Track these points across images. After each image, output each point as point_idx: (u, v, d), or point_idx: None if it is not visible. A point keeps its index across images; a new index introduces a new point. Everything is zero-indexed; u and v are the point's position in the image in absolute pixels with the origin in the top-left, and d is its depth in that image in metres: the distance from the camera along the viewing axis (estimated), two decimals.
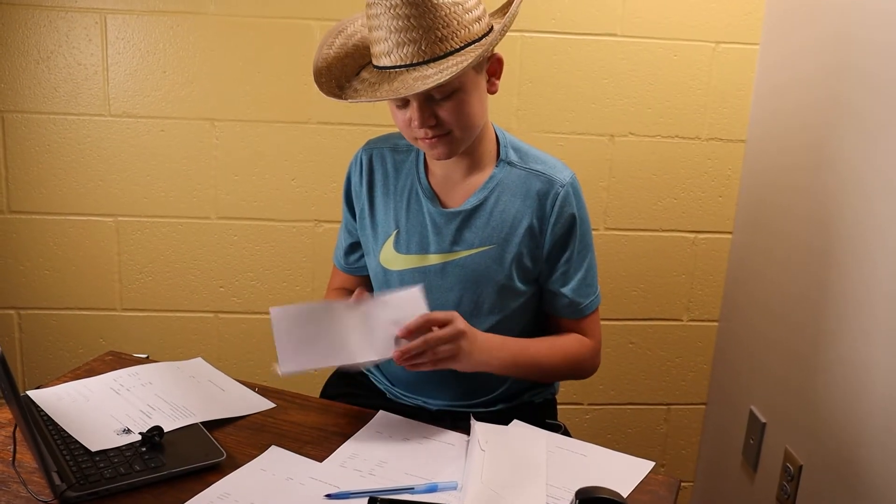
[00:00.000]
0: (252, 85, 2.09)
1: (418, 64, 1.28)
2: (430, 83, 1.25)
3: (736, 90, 2.17)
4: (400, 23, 1.25)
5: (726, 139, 2.20)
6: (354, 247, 1.62)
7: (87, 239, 2.16)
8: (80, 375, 1.46)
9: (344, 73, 1.40)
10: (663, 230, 2.26)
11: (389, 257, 1.52)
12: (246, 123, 2.12)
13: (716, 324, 2.34)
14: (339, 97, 1.36)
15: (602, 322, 2.27)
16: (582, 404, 2.36)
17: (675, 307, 2.32)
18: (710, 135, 2.20)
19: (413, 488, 1.17)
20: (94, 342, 2.22)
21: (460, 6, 1.28)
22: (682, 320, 2.33)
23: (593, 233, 2.19)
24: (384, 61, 1.30)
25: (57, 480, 1.10)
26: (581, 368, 1.56)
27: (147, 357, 1.56)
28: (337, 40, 1.41)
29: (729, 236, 2.28)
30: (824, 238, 1.79)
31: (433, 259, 1.48)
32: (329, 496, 1.15)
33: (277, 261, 2.20)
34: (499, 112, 2.06)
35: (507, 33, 2.06)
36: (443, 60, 1.27)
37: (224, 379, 1.49)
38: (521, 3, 1.35)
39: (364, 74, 1.38)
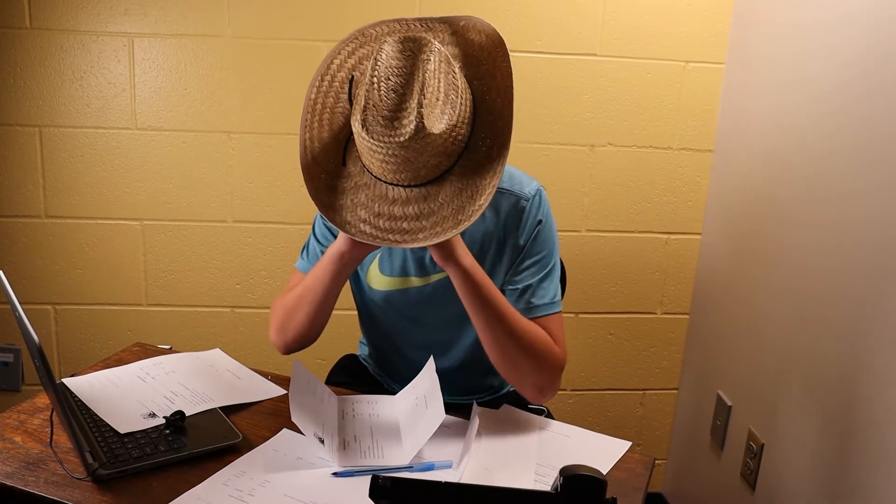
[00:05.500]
0: (265, 100, 2.09)
1: (413, 186, 1.17)
2: (429, 240, 1.15)
3: (704, 104, 2.17)
4: (398, 158, 1.13)
5: (695, 149, 2.21)
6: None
7: (115, 241, 2.17)
8: (109, 364, 1.46)
9: (327, 156, 1.26)
10: (639, 231, 2.26)
11: (374, 278, 1.46)
12: (260, 135, 2.12)
13: (687, 316, 2.35)
14: (336, 211, 1.21)
15: (583, 315, 2.30)
16: (565, 390, 2.36)
17: (649, 301, 2.32)
18: (680, 145, 2.20)
19: (412, 467, 1.18)
20: (123, 334, 2.23)
21: (451, 129, 1.15)
22: (655, 313, 2.34)
23: (574, 234, 2.23)
24: (375, 171, 1.19)
25: (90, 459, 1.10)
26: (539, 353, 1.32)
27: (170, 348, 1.56)
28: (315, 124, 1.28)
29: (698, 237, 2.28)
30: (784, 237, 1.80)
31: (415, 282, 1.43)
32: (336, 474, 1.15)
33: (288, 260, 2.20)
34: None
35: None
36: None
37: (240, 368, 1.49)
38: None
39: (351, 169, 1.23)
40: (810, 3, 1.73)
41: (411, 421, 1.27)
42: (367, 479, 0.85)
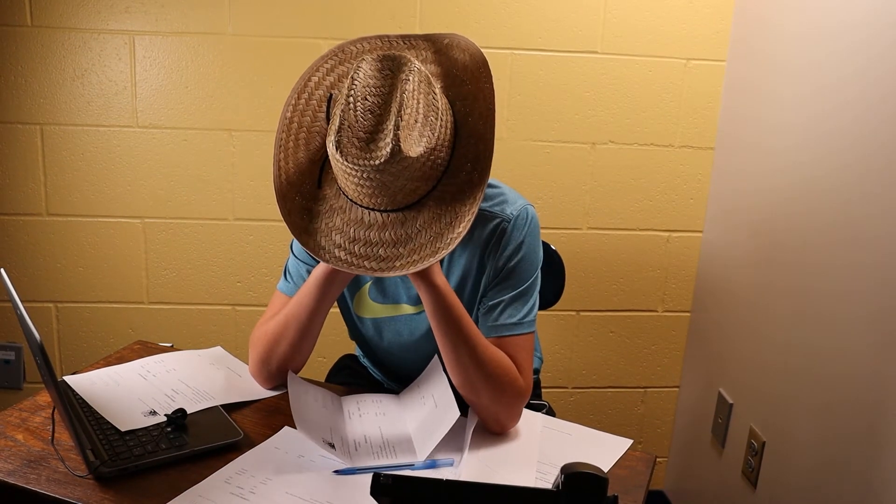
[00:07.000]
0: (266, 98, 2.09)
1: (390, 211, 1.15)
2: (406, 269, 1.13)
3: (705, 102, 2.17)
4: (374, 182, 1.11)
5: (697, 146, 2.21)
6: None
7: (117, 238, 2.16)
8: (111, 362, 1.46)
9: (301, 178, 1.23)
10: (640, 229, 2.26)
11: (364, 305, 1.44)
12: (260, 133, 2.12)
13: (688, 314, 2.35)
14: (308, 229, 1.19)
15: (584, 313, 2.30)
16: (567, 388, 2.36)
17: (650, 299, 2.32)
18: (682, 142, 2.20)
19: (413, 465, 1.18)
20: (124, 332, 2.23)
21: (430, 153, 1.13)
22: (657, 311, 2.34)
23: (575, 232, 2.23)
24: (350, 195, 1.16)
25: (91, 457, 1.10)
26: (500, 384, 1.26)
27: (171, 346, 1.56)
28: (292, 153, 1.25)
29: (699, 235, 2.28)
30: (785, 235, 1.80)
31: (407, 309, 1.40)
32: (337, 472, 1.15)
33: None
34: None
35: (499, 50, 2.08)
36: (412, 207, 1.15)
37: (241, 365, 1.49)
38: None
39: (327, 192, 1.20)
40: (811, 1, 1.73)
41: (420, 419, 1.27)
42: (368, 477, 0.85)
